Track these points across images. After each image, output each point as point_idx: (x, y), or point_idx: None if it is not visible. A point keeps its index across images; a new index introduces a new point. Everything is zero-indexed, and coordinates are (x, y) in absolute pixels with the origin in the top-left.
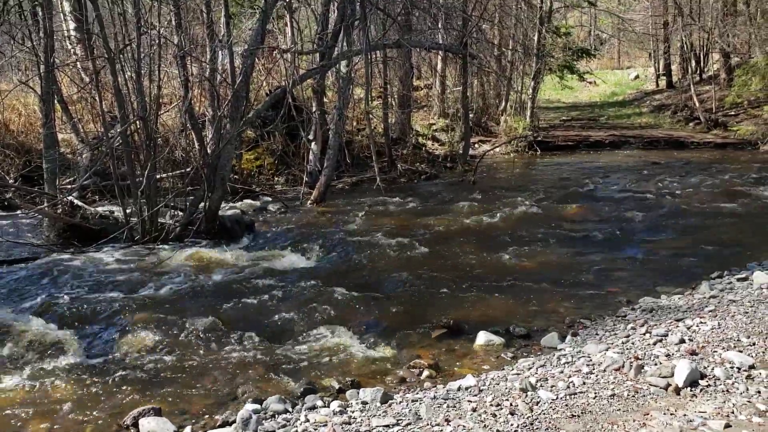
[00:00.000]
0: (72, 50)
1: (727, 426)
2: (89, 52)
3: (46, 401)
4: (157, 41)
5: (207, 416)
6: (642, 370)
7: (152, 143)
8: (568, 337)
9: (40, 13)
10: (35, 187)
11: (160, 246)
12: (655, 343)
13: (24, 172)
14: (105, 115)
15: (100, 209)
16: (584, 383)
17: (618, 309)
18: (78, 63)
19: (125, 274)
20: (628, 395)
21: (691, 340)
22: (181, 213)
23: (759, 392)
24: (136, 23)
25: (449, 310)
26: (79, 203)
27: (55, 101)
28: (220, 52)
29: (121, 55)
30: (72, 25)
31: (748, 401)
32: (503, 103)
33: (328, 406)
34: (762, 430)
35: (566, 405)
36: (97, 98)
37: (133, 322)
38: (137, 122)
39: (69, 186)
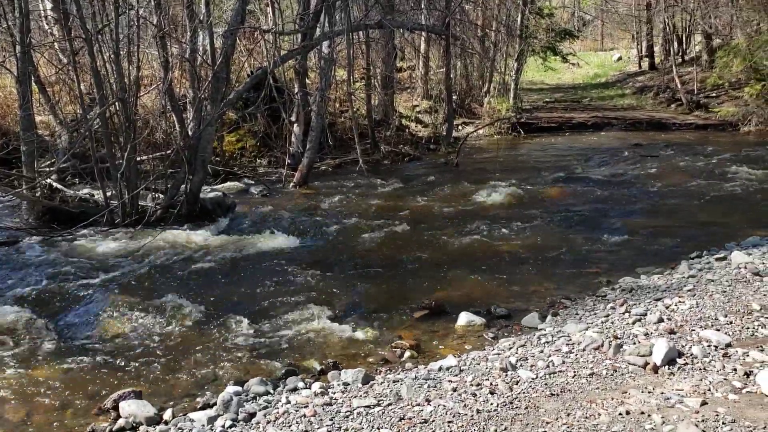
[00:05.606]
0: (49, 30)
1: (704, 403)
2: (67, 33)
3: (26, 386)
4: (135, 21)
5: (188, 398)
6: (621, 349)
7: (132, 125)
8: (549, 317)
9: None
10: (13, 170)
11: (141, 229)
12: (634, 323)
13: (1, 154)
14: (83, 97)
15: (79, 192)
16: (564, 362)
17: (598, 289)
18: (55, 43)
19: (105, 258)
20: (606, 374)
21: (669, 319)
22: (161, 195)
23: (735, 370)
24: (114, 3)
25: (431, 291)
26: (58, 186)
27: (32, 82)
28: (200, 32)
29: (99, 36)
30: (49, 4)
31: (725, 379)
32: (486, 85)
33: (310, 388)
34: (738, 407)
35: (546, 384)
36: (75, 79)
37: (113, 306)
38: (116, 104)
39: (48, 168)
